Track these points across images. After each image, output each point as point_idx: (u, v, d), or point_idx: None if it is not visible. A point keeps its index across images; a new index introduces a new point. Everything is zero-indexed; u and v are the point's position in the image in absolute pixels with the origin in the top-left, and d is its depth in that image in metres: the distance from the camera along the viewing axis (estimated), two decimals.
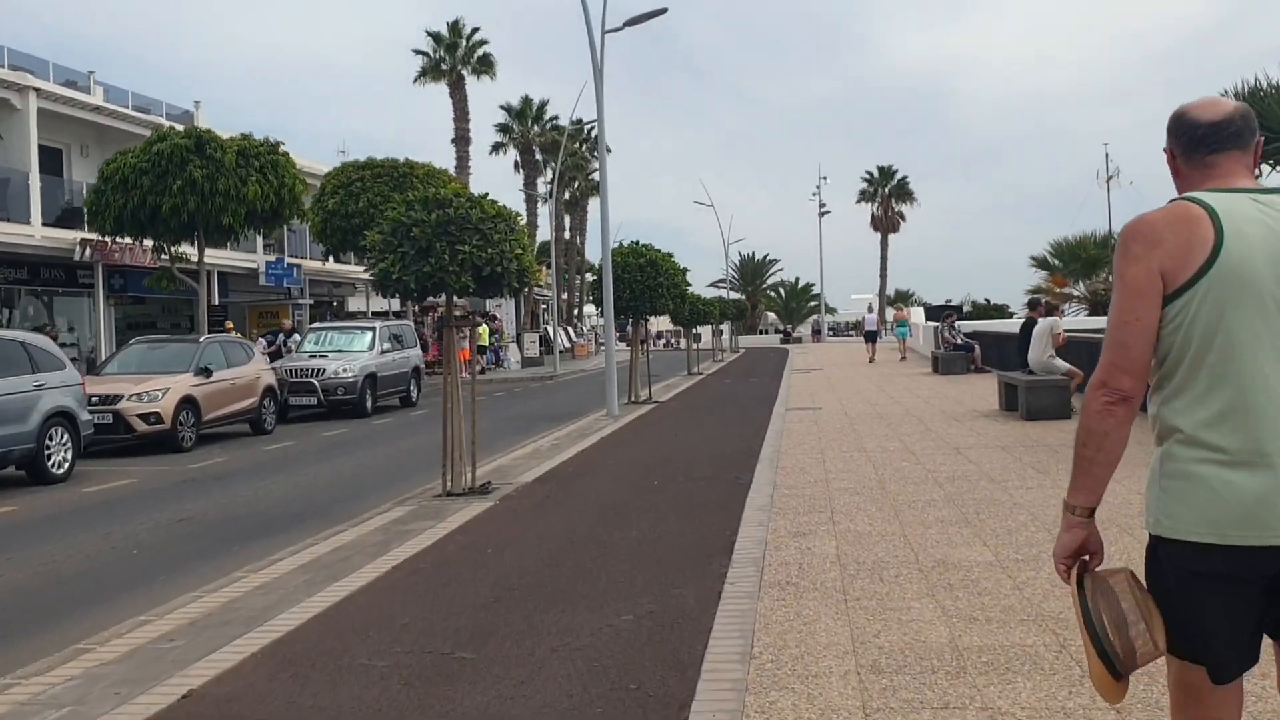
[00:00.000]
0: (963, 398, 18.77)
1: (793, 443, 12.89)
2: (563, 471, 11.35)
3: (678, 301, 20.91)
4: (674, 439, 14.20)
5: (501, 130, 52.49)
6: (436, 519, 8.81)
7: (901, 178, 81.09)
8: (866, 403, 18.59)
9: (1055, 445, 11.49)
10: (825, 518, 7.99)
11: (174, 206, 20.09)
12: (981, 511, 7.93)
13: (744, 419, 16.62)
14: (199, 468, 14.26)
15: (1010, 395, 15.49)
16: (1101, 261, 43.42)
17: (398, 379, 23.74)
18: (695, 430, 15.34)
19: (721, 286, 76.50)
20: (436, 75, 42.78)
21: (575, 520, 8.45)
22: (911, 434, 13.28)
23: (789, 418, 16.27)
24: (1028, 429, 13.16)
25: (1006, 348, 26.70)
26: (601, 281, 19.09)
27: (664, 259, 20.48)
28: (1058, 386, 14.24)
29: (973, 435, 12.83)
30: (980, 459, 10.70)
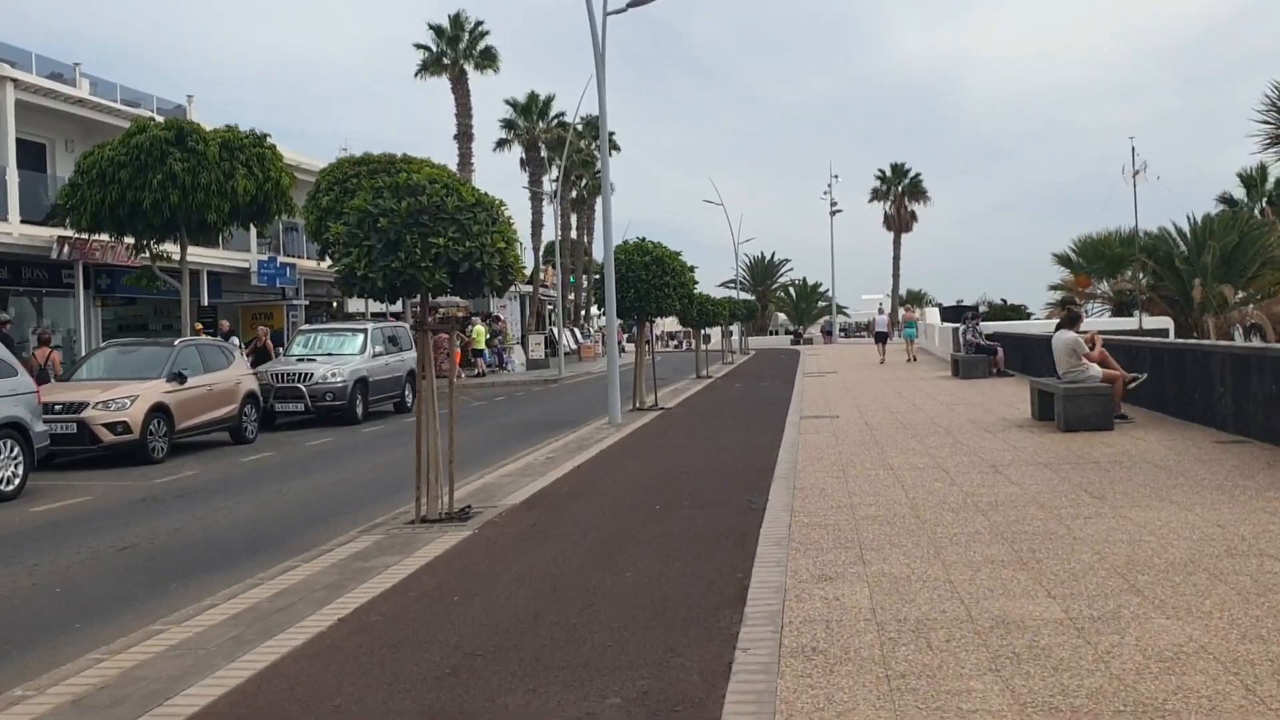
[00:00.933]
0: (989, 404, 17.56)
1: (810, 457, 11.71)
2: (554, 492, 10.19)
3: (685, 302, 19.75)
4: (680, 452, 13.03)
5: (506, 126, 51.34)
6: (403, 553, 7.66)
7: (914, 175, 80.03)
8: (886, 410, 17.40)
9: (1104, 462, 10.29)
10: (853, 555, 6.82)
11: (154, 201, 18.99)
12: (1037, 549, 6.74)
13: (756, 428, 15.44)
14: (165, 483, 13.15)
15: (1044, 403, 14.28)
16: (1126, 260, 42.02)
17: (391, 384, 22.63)
18: (703, 442, 14.17)
19: (731, 287, 75.28)
20: (438, 69, 41.70)
21: (561, 557, 7.28)
22: (940, 447, 12.10)
23: (804, 427, 15.08)
24: (1069, 442, 11.95)
25: (1031, 350, 25.49)
26: (604, 281, 17.94)
27: (671, 256, 19.32)
28: (1098, 394, 13.02)
29: (1009, 449, 11.63)
30: (1023, 479, 9.50)
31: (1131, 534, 7.01)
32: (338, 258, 8.82)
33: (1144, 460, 10.30)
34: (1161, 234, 41.19)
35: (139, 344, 18.27)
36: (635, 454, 13.05)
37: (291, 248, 33.98)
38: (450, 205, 8.37)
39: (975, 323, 25.78)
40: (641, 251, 19.17)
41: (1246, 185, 46.74)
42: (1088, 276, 42.64)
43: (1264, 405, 10.99)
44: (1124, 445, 11.46)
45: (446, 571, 7.03)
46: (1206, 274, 36.91)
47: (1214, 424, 12.47)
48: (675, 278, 19.17)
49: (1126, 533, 7.06)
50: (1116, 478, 9.32)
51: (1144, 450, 11.00)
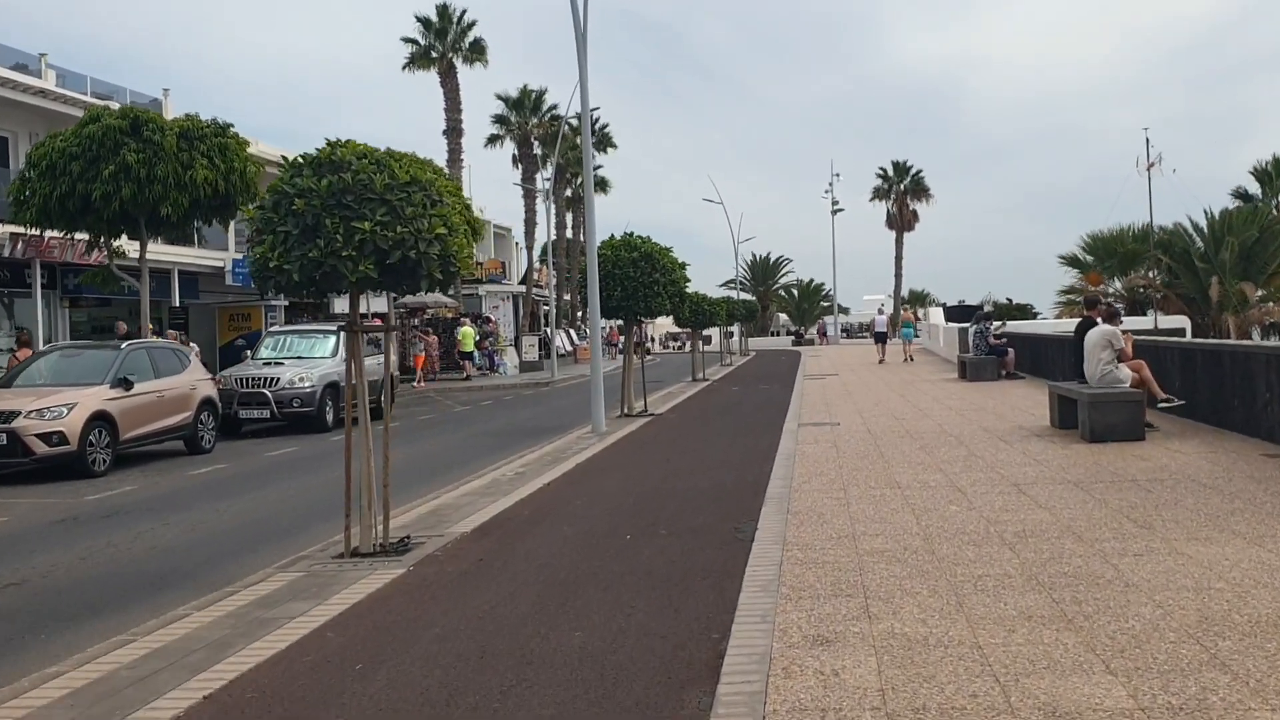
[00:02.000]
0: (1002, 410, 16.27)
1: (808, 472, 10.43)
2: (514, 517, 8.91)
3: (677, 301, 18.46)
4: (664, 466, 11.76)
5: (498, 122, 50.02)
6: (316, 598, 6.39)
7: (917, 173, 78.71)
8: (891, 416, 16.12)
9: (1143, 480, 9.00)
10: (856, 606, 5.54)
11: (104, 194, 17.72)
12: (1082, 599, 5.47)
13: (750, 437, 14.16)
14: (97, 500, 11.91)
15: (1066, 410, 13.00)
16: (1140, 256, 40.52)
17: (366, 388, 21.32)
18: (691, 453, 12.89)
19: (732, 287, 73.98)
20: (426, 63, 40.44)
21: (502, 606, 6.01)
22: (953, 460, 10.82)
23: (802, 436, 13.81)
24: (1098, 455, 10.67)
25: (1042, 351, 24.23)
26: (586, 278, 16.68)
27: (661, 252, 18.05)
28: (1128, 401, 11.74)
29: (1031, 464, 10.35)
30: (1052, 502, 8.22)
31: (1197, 578, 5.73)
32: (250, 246, 7.55)
33: (1188, 478, 9.01)
34: (1177, 230, 39.75)
35: (84, 347, 17.01)
36: (615, 468, 11.77)
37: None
38: (379, 183, 7.10)
39: (989, 322, 24.44)
40: (629, 247, 17.91)
41: (1261, 180, 45.35)
42: (1099, 274, 41.19)
43: None
44: (1160, 459, 10.17)
45: (359, 626, 5.75)
46: (1225, 271, 35.50)
47: (1258, 434, 11.18)
48: (665, 275, 17.90)
49: (1190, 576, 5.78)
50: (1162, 500, 8.04)
51: (1185, 465, 9.72)
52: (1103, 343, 12.30)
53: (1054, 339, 22.94)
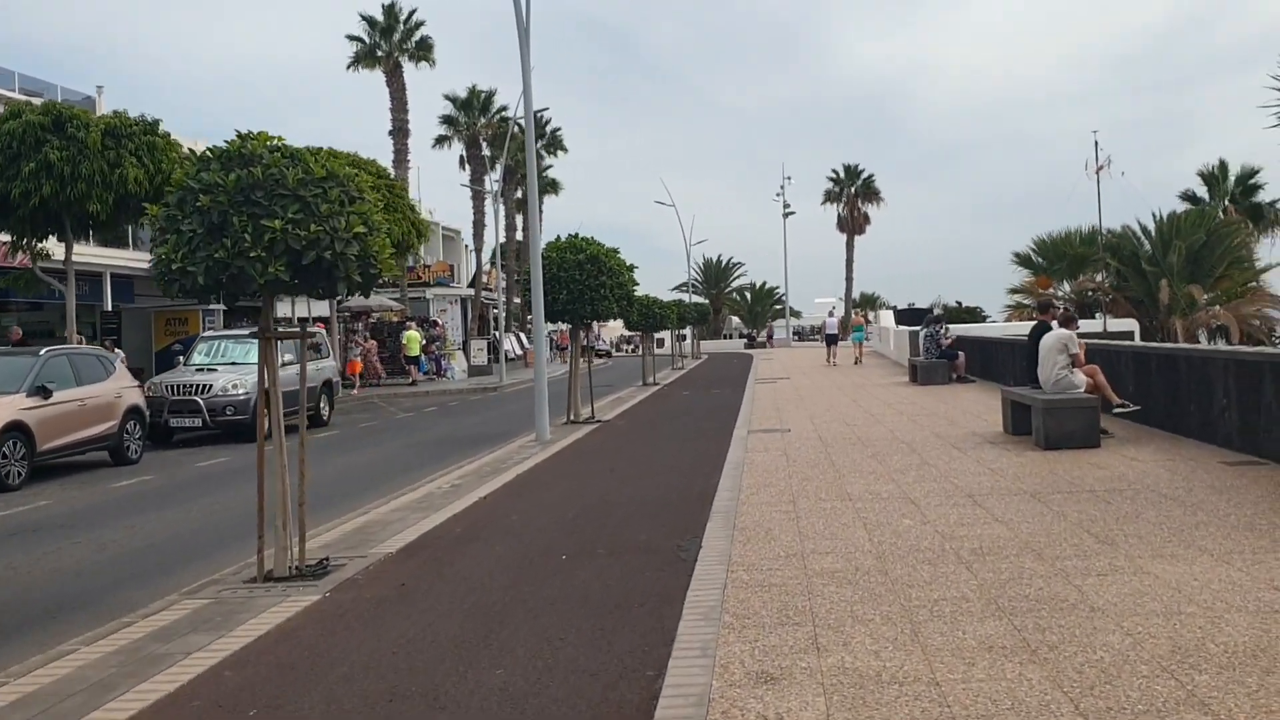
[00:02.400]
0: (954, 415, 15.99)
1: (756, 482, 10.02)
2: (444, 535, 8.40)
3: (625, 304, 17.99)
4: (607, 477, 11.29)
5: (446, 122, 49.27)
6: (219, 629, 5.86)
7: (867, 176, 79.01)
8: (842, 421, 15.78)
9: (1100, 490, 8.68)
10: (805, 636, 5.11)
11: (24, 192, 16.94)
12: (1045, 626, 5.08)
13: (698, 445, 13.74)
14: (5, 516, 11.33)
15: (1020, 416, 12.71)
16: (1089, 259, 40.61)
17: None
18: (637, 463, 12.43)
19: (684, 290, 73.73)
20: (371, 62, 39.67)
21: (420, 640, 5.51)
22: (905, 469, 10.46)
23: (752, 443, 13.41)
24: (1053, 463, 10.36)
25: (993, 355, 24.07)
26: (531, 280, 16.19)
27: (608, 254, 17.58)
28: (1083, 407, 11.46)
29: (985, 473, 10.01)
30: (1009, 515, 7.86)
31: (1166, 601, 5.36)
32: (153, 247, 6.99)
33: (1147, 488, 8.70)
34: (1125, 232, 39.89)
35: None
36: (556, 479, 11.29)
37: None
38: (291, 178, 6.56)
39: (940, 325, 24.23)
40: (574, 249, 17.43)
41: (1208, 183, 45.76)
42: (1049, 277, 41.28)
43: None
44: (1117, 467, 9.87)
45: (260, 664, 5.23)
46: (1173, 274, 35.64)
47: (1215, 440, 10.94)
48: (612, 278, 17.44)
49: (1159, 599, 5.41)
50: (1122, 513, 7.70)
51: (1143, 475, 9.42)
52: (1058, 347, 12.02)
53: (1005, 342, 22.79)
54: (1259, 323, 34.49)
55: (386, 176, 29.16)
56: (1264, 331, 33.96)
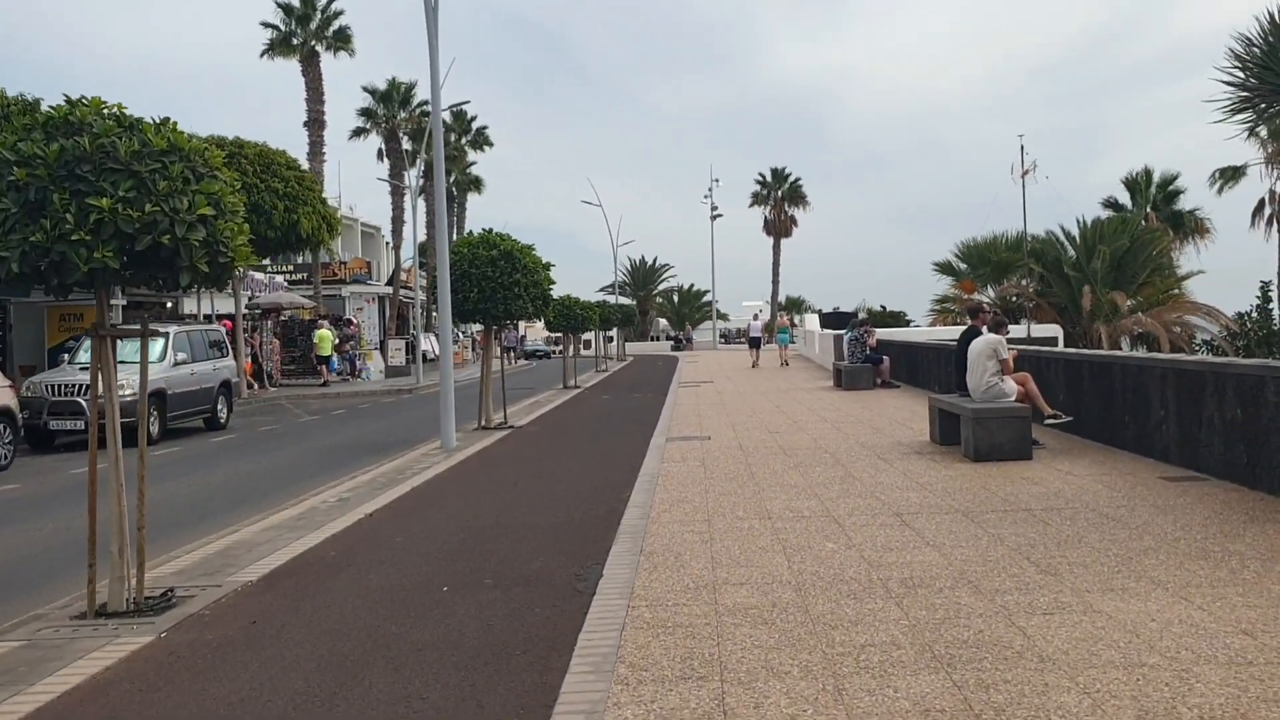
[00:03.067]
0: (879, 422, 15.41)
1: (670, 499, 9.25)
2: (315, 560, 7.48)
3: (541, 303, 17.11)
4: (510, 492, 10.43)
5: (364, 115, 47.86)
6: (21, 682, 4.92)
7: (794, 180, 79.03)
8: (764, 429, 15.10)
9: (1037, 509, 8.06)
10: (710, 695, 4.33)
11: None
12: (990, 682, 4.36)
13: (612, 455, 12.95)
14: None
15: (948, 425, 12.14)
16: (1014, 265, 40.58)
17: (199, 396, 19.48)
18: (544, 475, 11.59)
19: (611, 292, 72.97)
20: (287, 50, 38.24)
21: (258, 698, 4.62)
22: (829, 483, 9.77)
23: (670, 452, 12.66)
24: (985, 477, 9.75)
25: (918, 360, 23.67)
26: (437, 277, 15.26)
27: (523, 251, 16.71)
28: (1014, 417, 10.89)
29: (913, 487, 9.35)
30: (941, 538, 7.18)
31: (1124, 648, 4.68)
32: None
33: (1087, 506, 8.10)
34: (1049, 238, 39.95)
35: None
36: (454, 493, 10.40)
37: None
38: (124, 150, 5.62)
39: (865, 329, 23.75)
40: (487, 245, 16.53)
41: (1131, 190, 46.16)
42: (973, 282, 41.19)
43: (1222, 434, 8.93)
44: (1053, 482, 9.29)
45: None
46: (1096, 280, 35.67)
47: (1151, 453, 10.44)
48: (528, 275, 16.57)
49: (1115, 646, 4.73)
50: (1063, 536, 7.07)
51: (1081, 490, 8.83)
52: (987, 352, 11.46)
53: (930, 347, 22.38)
54: (1180, 330, 34.71)
55: (296, 167, 27.94)
56: (1185, 339, 34.18)
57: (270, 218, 26.20)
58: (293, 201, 26.95)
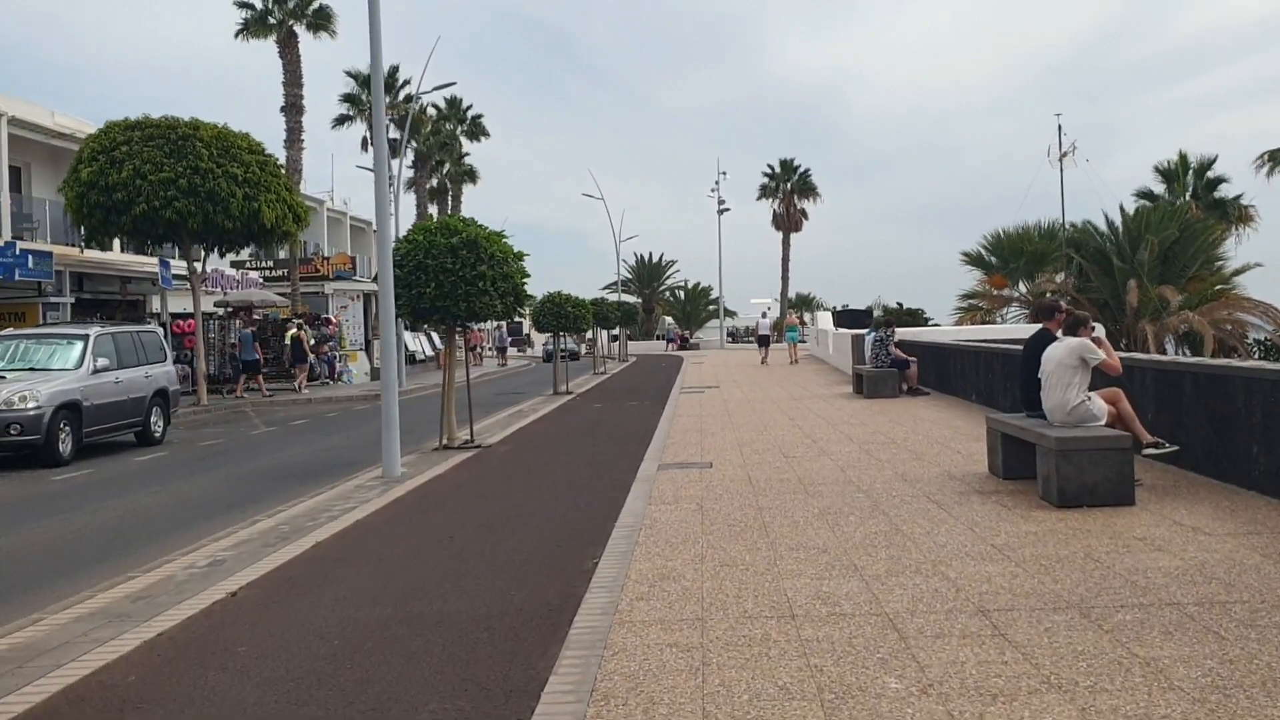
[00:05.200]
0: (916, 442, 12.80)
1: (652, 572, 6.66)
2: (104, 690, 4.89)
3: (512, 299, 14.47)
4: (440, 551, 7.84)
5: (348, 101, 45.19)
6: None
7: (804, 171, 76.33)
8: (778, 451, 12.50)
9: (1186, 599, 5.44)
10: None
11: None
12: None
13: (589, 489, 10.37)
14: None
15: (1014, 454, 9.53)
16: (1049, 256, 37.55)
17: (126, 408, 16.94)
18: (495, 522, 8.99)
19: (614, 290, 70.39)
20: (262, 30, 35.64)
21: None
22: (871, 544, 7.16)
23: (661, 487, 10.07)
24: (1083, 534, 7.13)
25: (948, 364, 21.01)
26: (378, 265, 12.67)
27: (490, 238, 14.12)
28: (1112, 449, 8.26)
29: (991, 555, 6.74)
30: (1064, 670, 4.56)
31: None
32: None
33: (1258, 596, 5.48)
34: (1088, 228, 36.92)
35: None
36: (361, 556, 7.81)
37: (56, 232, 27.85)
38: None
39: (891, 329, 21.08)
40: (446, 231, 13.95)
41: (1166, 178, 43.23)
42: (1004, 276, 38.25)
43: None
44: (1182, 546, 6.67)
45: None
46: (1143, 273, 32.72)
47: None
48: (496, 268, 13.97)
49: None
50: (1259, 666, 4.45)
51: (1232, 563, 6.20)
52: (1071, 362, 8.84)
53: (964, 351, 19.74)
54: (1230, 328, 31.85)
55: (259, 151, 25.32)
56: (1237, 338, 31.37)
57: (227, 206, 23.61)
58: (254, 189, 24.34)
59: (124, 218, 23.45)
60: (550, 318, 25.59)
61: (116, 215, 23.50)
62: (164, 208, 23.05)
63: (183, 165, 23.38)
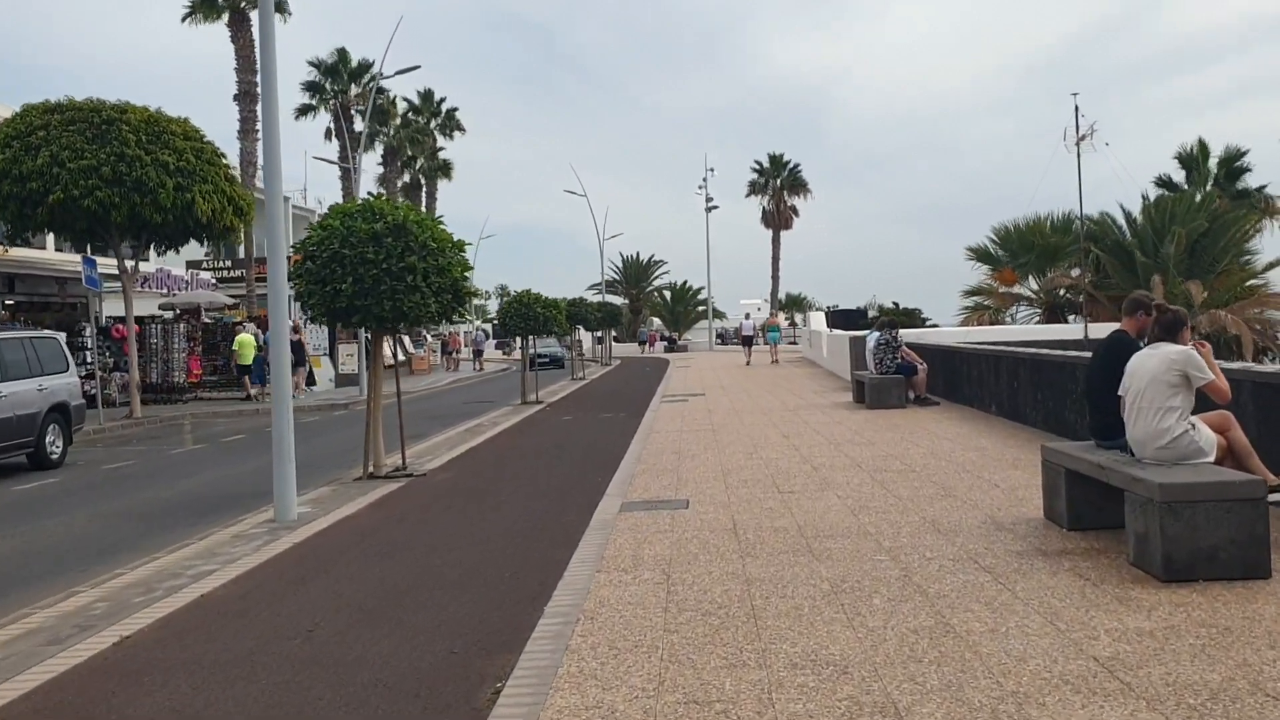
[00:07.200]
0: (939, 470, 10.47)
1: (582, 703, 4.32)
2: None
3: (451, 297, 12.06)
4: (291, 659, 5.46)
5: (310, 90, 42.78)
6: None
7: (794, 167, 74.26)
8: (770, 482, 10.18)
9: None
10: None
11: None
12: None
13: (527, 543, 8.02)
14: None
15: (1087, 498, 7.21)
16: (1064, 250, 34.94)
17: (13, 426, 14.52)
18: (384, 602, 6.62)
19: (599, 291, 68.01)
20: (210, 12, 33.24)
21: None
22: (912, 653, 4.83)
23: (618, 542, 7.73)
24: (1226, 634, 4.80)
25: (958, 368, 18.71)
26: (268, 256, 10.27)
27: (425, 225, 11.77)
28: (1241, 501, 5.93)
29: (1093, 677, 4.41)
30: None
31: None
32: None
33: None
34: (1106, 219, 34.40)
35: None
36: (159, 673, 5.44)
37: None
38: None
39: (894, 332, 18.74)
40: (369, 215, 11.57)
41: (1186, 166, 40.83)
42: (1014, 272, 35.68)
43: None
44: None
45: None
46: (1168, 268, 30.25)
47: None
48: (430, 260, 11.60)
49: None
50: None
51: None
52: (1171, 380, 6.53)
53: (980, 355, 17.44)
54: (1260, 327, 29.50)
55: (196, 137, 22.89)
56: (1270, 339, 29.04)
57: (156, 197, 21.18)
58: (187, 178, 21.93)
59: (40, 209, 21.04)
60: (518, 320, 23.19)
61: (32, 206, 21.11)
62: (84, 197, 20.63)
63: (106, 152, 20.96)
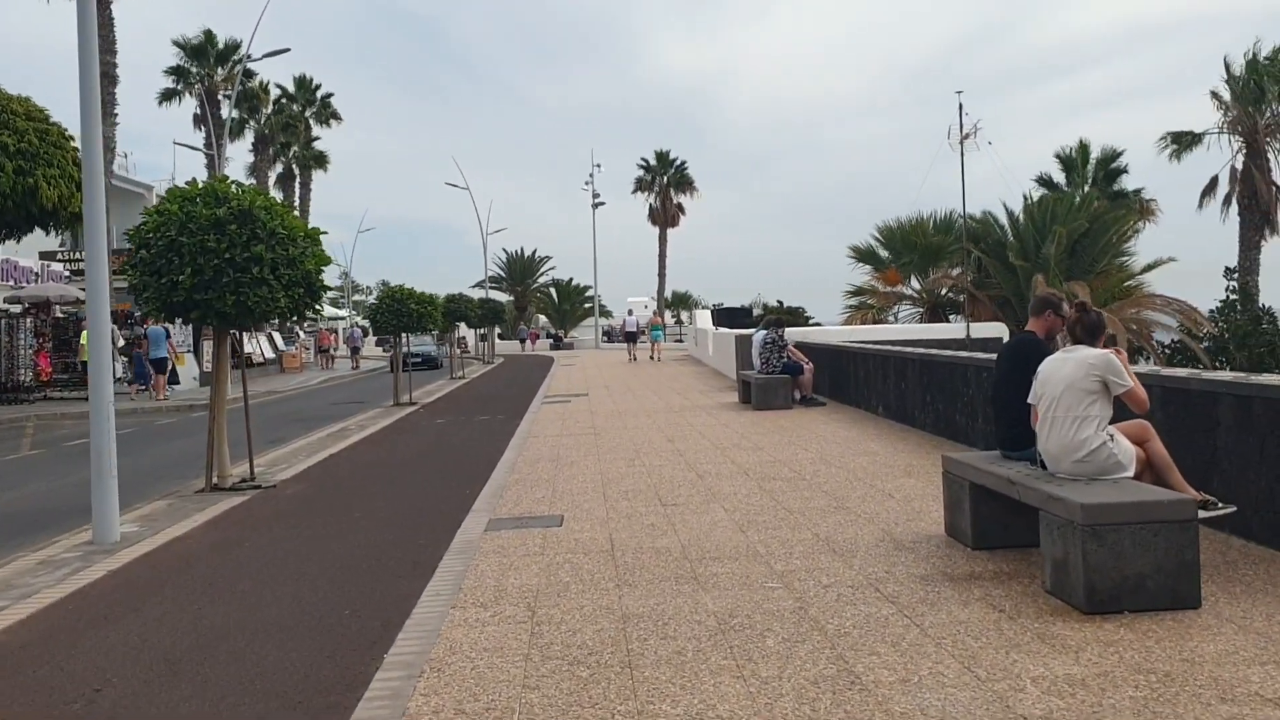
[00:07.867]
0: (831, 478, 9.84)
1: None
2: None
3: (303, 291, 10.96)
4: None
5: (175, 74, 40.54)
6: None
7: (680, 164, 73.88)
8: (653, 494, 9.41)
9: None
10: None
11: None
12: None
13: (376, 568, 7.07)
14: None
15: (994, 514, 6.61)
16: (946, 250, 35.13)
17: None
18: (192, 652, 5.61)
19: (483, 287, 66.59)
20: None
21: None
22: (810, 710, 4.07)
23: (482, 566, 6.85)
24: (1167, 680, 4.17)
25: (844, 368, 18.28)
26: (86, 241, 9.07)
27: (272, 210, 10.66)
28: (1167, 520, 5.35)
29: None
30: None
31: None
32: None
33: None
34: (988, 219, 34.66)
35: None
36: None
37: None
38: None
39: (781, 331, 18.18)
40: (212, 199, 10.42)
41: (1066, 166, 41.58)
42: (897, 271, 35.74)
43: None
44: None
45: None
46: (1049, 268, 30.46)
47: None
48: (281, 250, 10.50)
49: None
50: None
51: None
52: (1089, 386, 5.94)
53: (867, 354, 17.01)
54: (1136, 327, 29.94)
55: (41, 118, 21.12)
56: (1145, 339, 29.50)
57: None
58: (30, 161, 20.19)
59: None
60: (390, 316, 21.97)
61: None
62: None
63: None
